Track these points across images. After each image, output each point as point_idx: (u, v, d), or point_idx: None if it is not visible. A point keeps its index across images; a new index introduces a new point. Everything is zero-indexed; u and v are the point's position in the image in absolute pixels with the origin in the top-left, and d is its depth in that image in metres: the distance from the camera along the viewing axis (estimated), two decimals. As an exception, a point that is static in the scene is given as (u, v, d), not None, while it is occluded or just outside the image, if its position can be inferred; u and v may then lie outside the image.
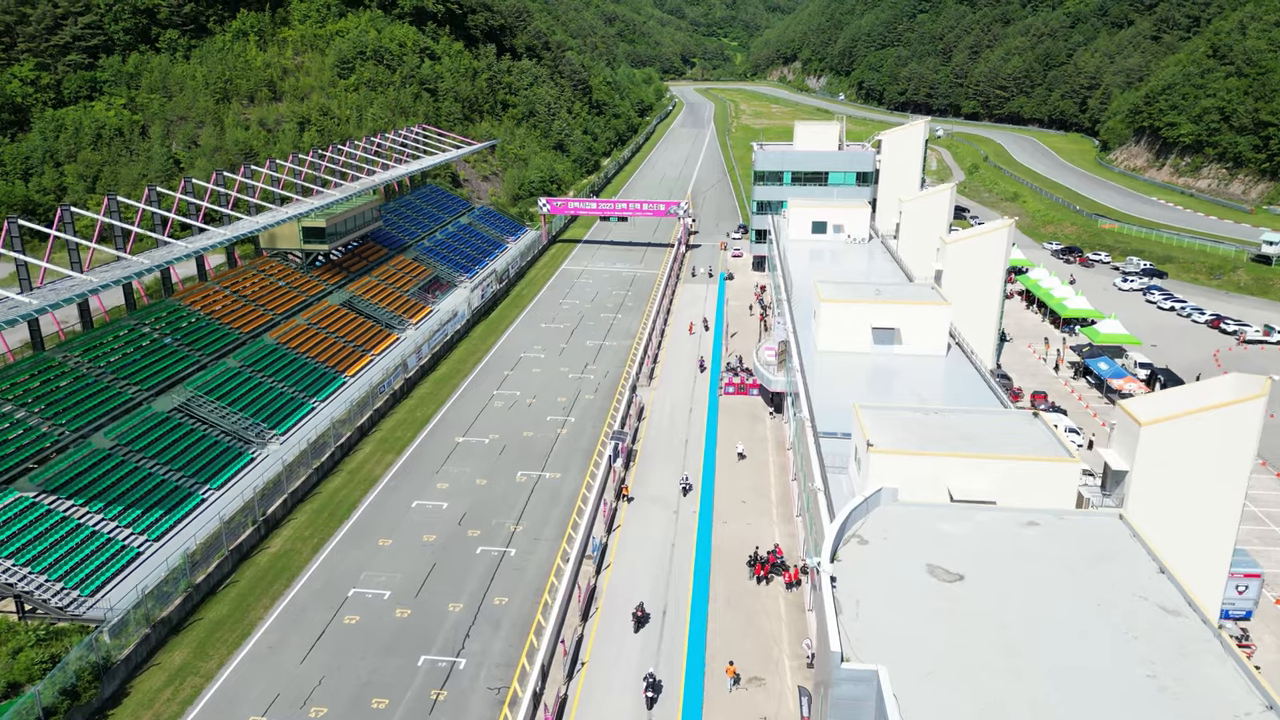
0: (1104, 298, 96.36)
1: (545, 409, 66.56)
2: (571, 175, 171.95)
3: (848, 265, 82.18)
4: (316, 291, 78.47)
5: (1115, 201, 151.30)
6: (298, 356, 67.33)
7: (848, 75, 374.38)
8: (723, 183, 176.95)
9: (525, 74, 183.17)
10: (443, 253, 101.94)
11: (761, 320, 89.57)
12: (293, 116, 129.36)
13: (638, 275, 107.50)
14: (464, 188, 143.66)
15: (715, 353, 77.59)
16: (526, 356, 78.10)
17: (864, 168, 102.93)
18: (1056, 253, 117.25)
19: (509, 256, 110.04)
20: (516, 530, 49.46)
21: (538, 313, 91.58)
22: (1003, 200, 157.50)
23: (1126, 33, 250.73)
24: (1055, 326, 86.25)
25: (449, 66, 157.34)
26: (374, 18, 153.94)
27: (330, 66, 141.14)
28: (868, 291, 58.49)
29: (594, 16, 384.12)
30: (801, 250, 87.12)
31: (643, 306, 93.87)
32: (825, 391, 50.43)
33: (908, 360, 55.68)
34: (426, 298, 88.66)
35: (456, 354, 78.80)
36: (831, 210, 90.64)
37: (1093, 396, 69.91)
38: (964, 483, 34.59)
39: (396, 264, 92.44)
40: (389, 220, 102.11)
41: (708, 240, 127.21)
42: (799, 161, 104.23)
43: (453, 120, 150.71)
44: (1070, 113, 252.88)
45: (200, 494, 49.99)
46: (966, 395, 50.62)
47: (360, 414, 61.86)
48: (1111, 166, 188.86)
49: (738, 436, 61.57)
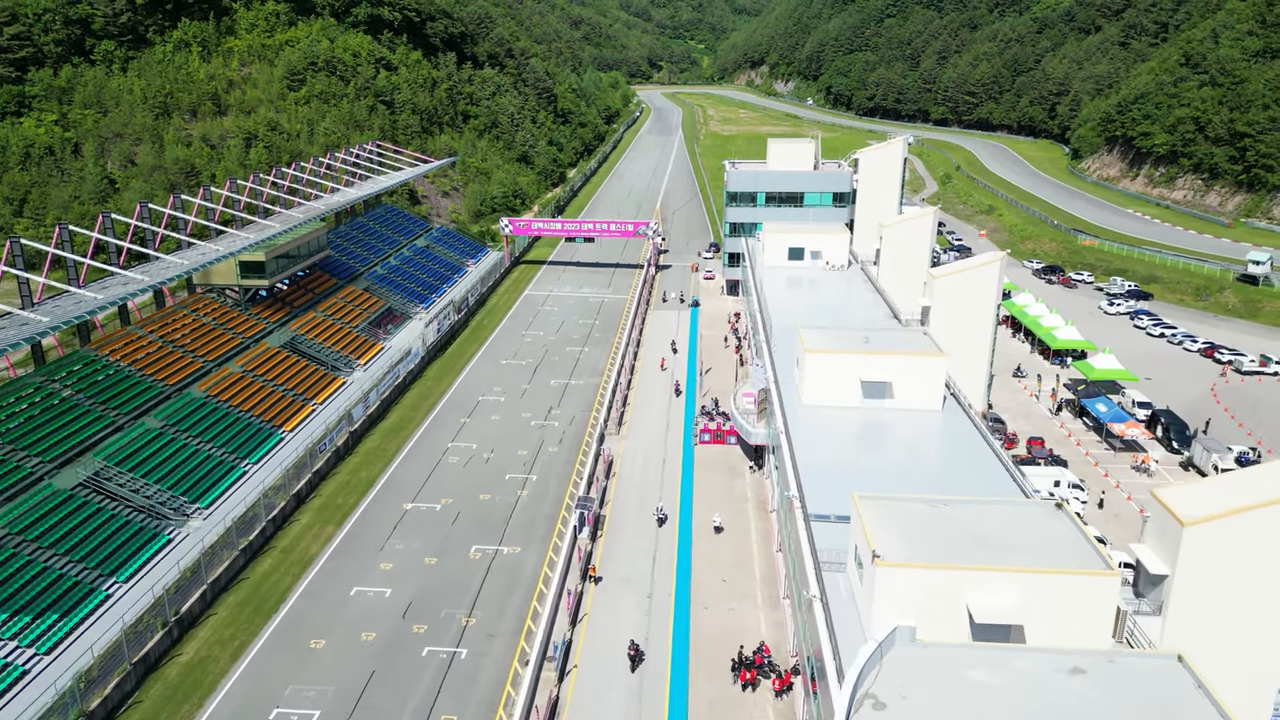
0: (1091, 323, 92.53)
1: (504, 464, 60.83)
2: (536, 188, 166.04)
3: (827, 295, 77.39)
4: (255, 332, 72.01)
5: (1091, 214, 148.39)
6: (229, 411, 60.97)
7: (815, 80, 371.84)
8: (692, 196, 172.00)
9: (487, 83, 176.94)
10: (397, 280, 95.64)
11: (737, 353, 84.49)
12: (238, 132, 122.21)
13: (606, 301, 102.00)
14: (423, 204, 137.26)
15: (689, 400, 72.26)
16: (485, 400, 72.28)
17: (841, 188, 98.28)
18: (1038, 272, 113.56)
19: (469, 282, 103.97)
20: (469, 624, 43.71)
21: (499, 347, 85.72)
22: (978, 213, 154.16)
23: (1094, 38, 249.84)
24: (1044, 357, 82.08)
25: (406, 77, 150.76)
26: (326, 26, 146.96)
27: (279, 78, 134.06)
28: (856, 340, 53.50)
29: (559, 20, 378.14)
30: (778, 278, 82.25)
31: (611, 337, 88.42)
32: (812, 454, 45.43)
33: (901, 416, 50.80)
34: (377, 333, 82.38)
35: (409, 398, 72.74)
36: (809, 236, 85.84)
37: (1091, 440, 65.59)
38: (986, 600, 29.53)
39: (346, 295, 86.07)
40: (339, 246, 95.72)
41: (678, 260, 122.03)
42: (773, 182, 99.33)
43: (410, 134, 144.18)
44: (1039, 119, 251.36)
45: (103, 590, 43.68)
46: (967, 460, 45.84)
47: (297, 479, 55.72)
48: (1084, 176, 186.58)
49: (715, 498, 56.29)
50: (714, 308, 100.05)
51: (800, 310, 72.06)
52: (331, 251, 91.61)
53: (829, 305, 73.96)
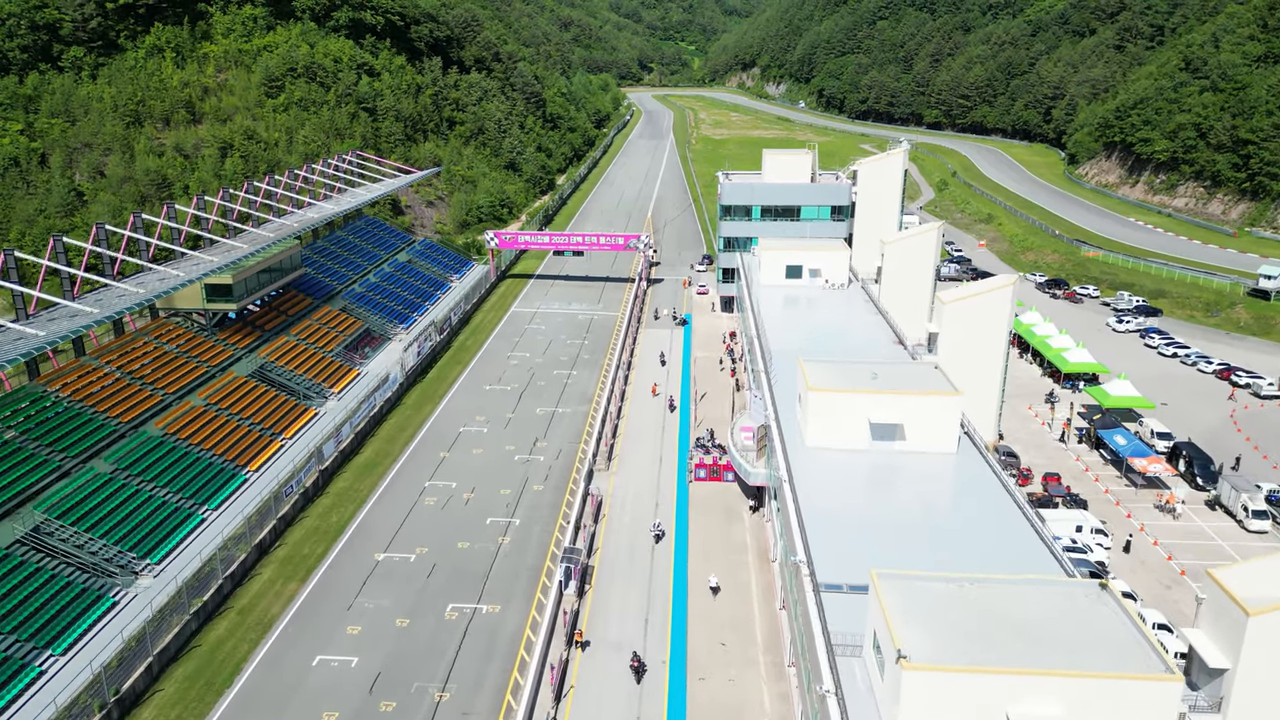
0: (1099, 342, 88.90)
1: (486, 506, 56.72)
2: (524, 196, 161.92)
3: (827, 318, 73.56)
4: (220, 360, 67.71)
5: (1092, 222, 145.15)
6: (189, 450, 56.70)
7: (807, 82, 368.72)
8: (684, 204, 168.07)
9: (474, 88, 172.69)
10: (376, 299, 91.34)
11: (733, 376, 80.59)
12: (213, 141, 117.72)
13: (595, 318, 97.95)
14: (406, 215, 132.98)
15: (683, 430, 68.30)
16: (467, 431, 68.13)
17: (839, 200, 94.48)
18: (1041, 285, 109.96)
19: (452, 298, 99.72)
20: (442, 699, 39.60)
21: (482, 370, 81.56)
22: (977, 222, 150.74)
23: (1089, 42, 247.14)
24: (1054, 380, 78.41)
25: (389, 83, 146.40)
26: (306, 31, 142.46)
27: (257, 85, 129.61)
28: (863, 377, 49.60)
29: (549, 22, 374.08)
30: (775, 298, 78.44)
31: (601, 358, 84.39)
32: (819, 506, 41.61)
33: (913, 460, 46.96)
34: (353, 358, 78.10)
35: (385, 429, 68.53)
36: (808, 253, 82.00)
37: (1110, 476, 61.85)
38: (1030, 708, 25.66)
39: (322, 317, 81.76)
40: (315, 263, 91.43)
41: (671, 273, 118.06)
42: (769, 194, 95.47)
43: (393, 142, 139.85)
44: (1034, 123, 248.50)
45: (36, 665, 39.43)
46: (986, 513, 42.00)
47: (260, 526, 51.51)
48: (1082, 182, 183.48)
49: (712, 547, 52.34)
50: (708, 326, 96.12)
51: (799, 335, 68.34)
52: (307, 270, 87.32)
53: (829, 329, 70.13)
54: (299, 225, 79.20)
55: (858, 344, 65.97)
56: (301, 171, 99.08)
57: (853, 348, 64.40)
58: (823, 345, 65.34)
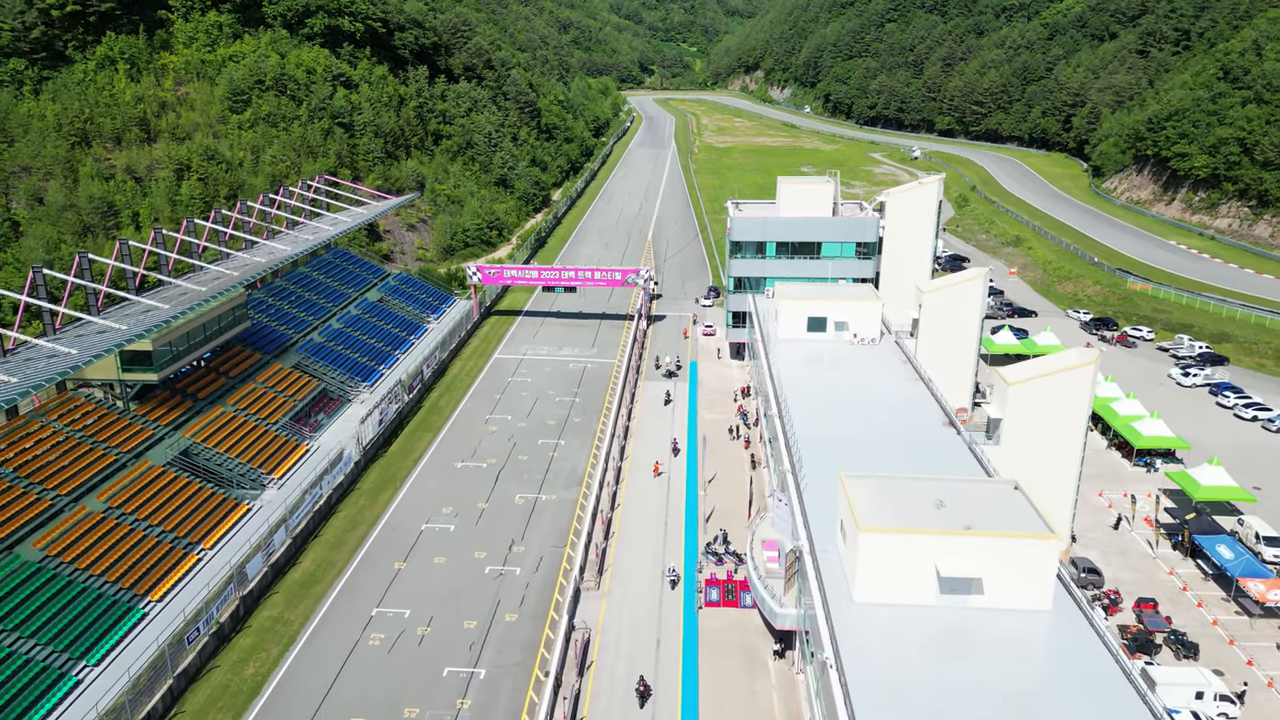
0: (1163, 400, 77.59)
1: (444, 647, 45.50)
2: (516, 216, 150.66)
3: (859, 387, 62.24)
4: (134, 445, 56.48)
5: (1130, 245, 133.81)
6: (75, 577, 45.50)
7: (813, 86, 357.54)
8: (686, 218, 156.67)
9: (463, 99, 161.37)
10: (338, 351, 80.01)
11: (747, 448, 69.35)
12: (169, 162, 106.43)
13: (589, 368, 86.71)
14: (385, 240, 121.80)
15: (689, 537, 56.92)
16: (430, 530, 56.87)
17: (865, 237, 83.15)
18: (1087, 325, 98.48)
19: (428, 345, 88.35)
20: None
21: (455, 440, 70.27)
22: (1003, 245, 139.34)
23: (1109, 46, 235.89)
24: (1125, 456, 67.11)
25: (368, 95, 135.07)
26: (276, 39, 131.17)
27: (220, 99, 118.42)
28: (925, 504, 38.32)
29: (547, 24, 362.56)
30: (795, 358, 67.27)
31: (594, 422, 73.17)
32: (871, 682, 30.71)
33: (994, 621, 35.77)
34: (303, 431, 66.73)
35: (332, 528, 57.21)
36: (833, 303, 70.71)
37: (1214, 598, 50.51)
38: None
39: (270, 377, 70.50)
40: (269, 307, 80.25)
41: (673, 308, 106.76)
42: (785, 230, 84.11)
43: (372, 160, 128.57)
44: (1052, 131, 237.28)
45: None
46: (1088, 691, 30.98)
47: (149, 692, 40.23)
48: (1111, 198, 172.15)
49: (726, 712, 41.04)
50: (716, 377, 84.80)
51: (829, 411, 57.20)
52: (256, 318, 76.21)
53: (864, 403, 58.84)
54: (240, 274, 67.82)
55: (901, 425, 54.85)
56: (257, 205, 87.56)
57: (896, 434, 53.27)
58: (859, 428, 54.29)
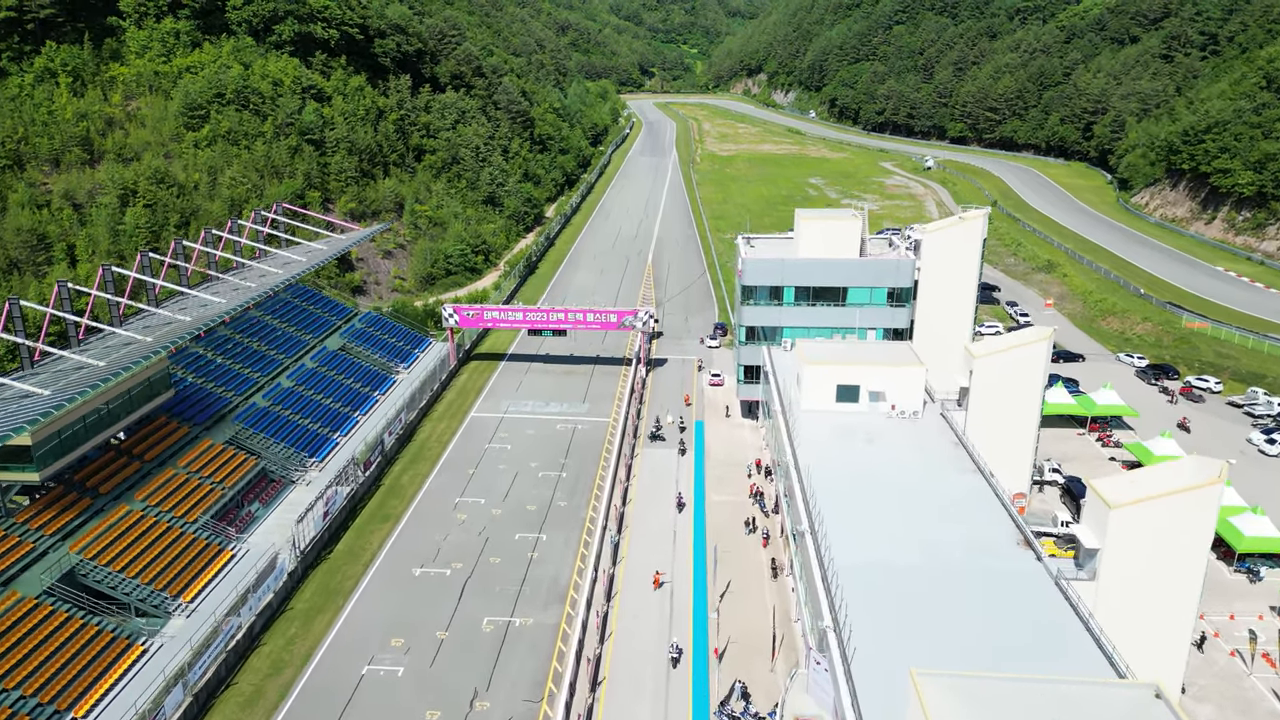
0: (1245, 474, 66.30)
1: None
2: (505, 237, 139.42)
3: (904, 478, 50.96)
4: (5, 566, 45.16)
5: (1174, 272, 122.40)
6: (-117, 783, 34.23)
7: (818, 90, 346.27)
8: (689, 242, 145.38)
9: (449, 110, 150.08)
10: (285, 417, 68.54)
11: (765, 546, 58.08)
12: (113, 186, 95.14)
13: (579, 428, 75.47)
14: (357, 270, 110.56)
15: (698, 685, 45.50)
16: (372, 677, 45.51)
17: (899, 282, 71.86)
18: (1144, 373, 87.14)
19: (395, 402, 76.98)
20: None
21: (416, 536, 58.92)
22: (1035, 270, 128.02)
23: (1131, 51, 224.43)
24: (1225, 560, 55.82)
25: (343, 109, 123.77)
26: (240, 48, 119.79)
27: (175, 114, 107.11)
28: (1027, 698, 27.11)
29: (544, 26, 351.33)
30: (821, 434, 56.22)
31: (581, 508, 61.90)
32: None
33: None
34: (228, 532, 55.29)
35: (245, 679, 45.56)
36: (867, 369, 59.43)
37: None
38: None
39: (196, 459, 59.07)
40: (205, 365, 68.89)
41: (675, 348, 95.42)
42: (805, 272, 72.76)
43: (344, 180, 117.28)
44: (1072, 139, 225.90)
45: None
46: None
47: None
48: (1143, 215, 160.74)
49: None
50: (726, 441, 73.47)
51: (868, 515, 46.18)
52: (187, 380, 64.95)
53: (912, 504, 47.64)
54: (155, 340, 56.29)
55: (964, 543, 43.77)
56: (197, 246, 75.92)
57: (960, 561, 42.16)
58: (914, 552, 43.06)
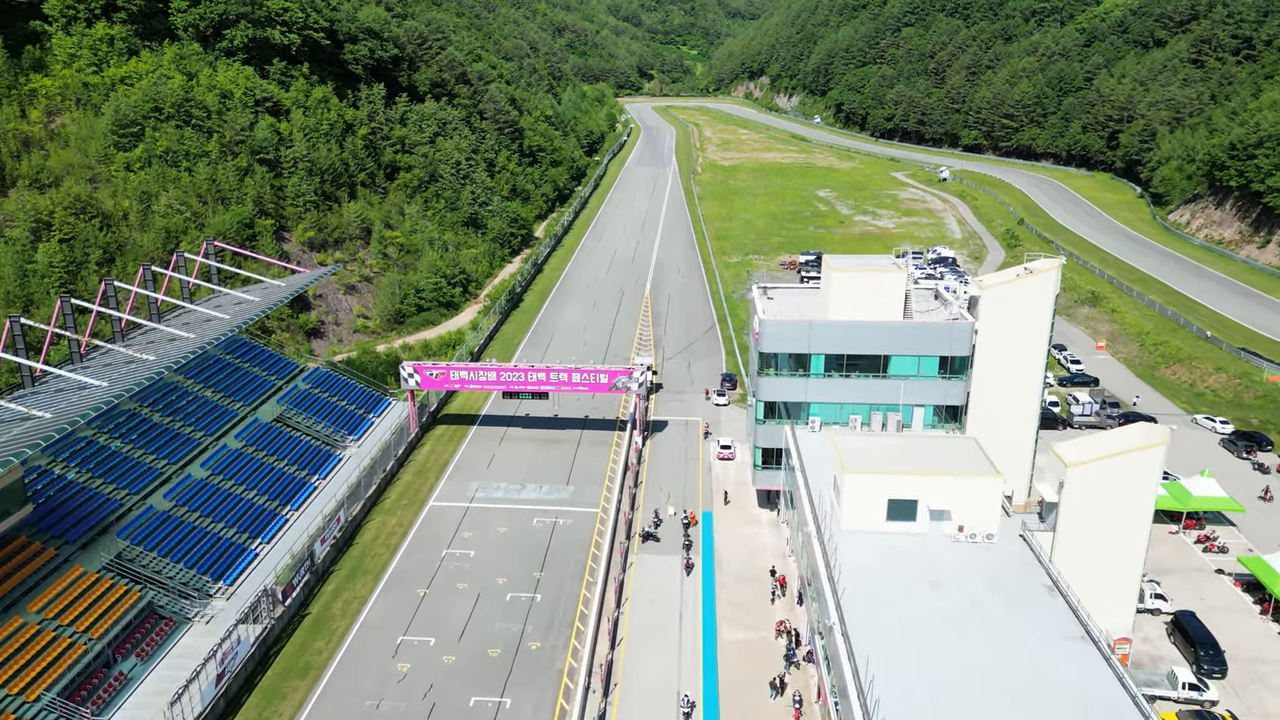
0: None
1: None
2: (488, 263, 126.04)
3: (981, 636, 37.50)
4: None
5: (1237, 309, 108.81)
6: None
7: (823, 95, 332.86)
8: (692, 268, 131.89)
9: (428, 121, 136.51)
10: (188, 525, 54.59)
11: (798, 715, 44.56)
12: (24, 218, 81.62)
13: (560, 524, 61.94)
14: (313, 310, 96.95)
15: None
16: None
17: (954, 349, 58.19)
18: (1230, 443, 73.68)
19: (336, 490, 63.18)
20: None
21: (339, 701, 45.13)
22: (1078, 304, 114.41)
23: (1157, 55, 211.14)
24: None
25: (302, 123, 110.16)
26: (184, 56, 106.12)
27: (104, 132, 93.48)
28: None
29: (539, 28, 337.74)
30: (868, 566, 42.97)
31: (558, 654, 48.38)
32: None
33: None
34: (80, 713, 41.59)
35: None
36: (927, 481, 45.94)
37: None
38: None
39: (56, 598, 45.23)
40: (91, 454, 55.18)
41: (677, 406, 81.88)
42: (838, 337, 59.01)
43: (303, 205, 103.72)
44: (1095, 149, 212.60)
45: None
46: None
47: None
48: (1184, 235, 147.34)
49: None
50: (740, 544, 59.78)
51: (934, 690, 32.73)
52: (64, 477, 51.38)
53: (995, 684, 34.19)
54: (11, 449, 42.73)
55: None
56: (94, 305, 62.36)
57: None
58: None
